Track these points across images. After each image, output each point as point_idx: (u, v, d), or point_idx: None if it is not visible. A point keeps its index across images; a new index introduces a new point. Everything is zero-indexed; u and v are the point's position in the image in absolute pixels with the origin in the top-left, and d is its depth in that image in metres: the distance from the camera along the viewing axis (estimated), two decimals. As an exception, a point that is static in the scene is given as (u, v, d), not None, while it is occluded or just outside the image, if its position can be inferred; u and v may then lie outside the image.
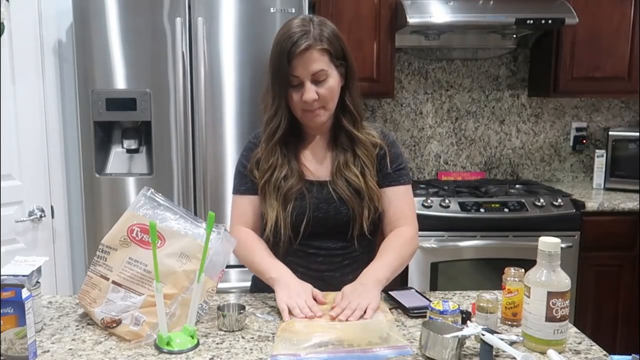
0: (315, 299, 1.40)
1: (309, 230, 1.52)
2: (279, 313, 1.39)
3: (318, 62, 1.44)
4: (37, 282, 1.31)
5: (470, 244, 2.74)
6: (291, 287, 1.41)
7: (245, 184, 1.58)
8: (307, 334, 1.21)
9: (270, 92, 1.51)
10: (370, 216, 1.53)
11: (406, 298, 1.45)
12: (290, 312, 1.33)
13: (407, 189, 1.60)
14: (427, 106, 3.38)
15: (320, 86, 1.46)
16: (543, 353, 1.19)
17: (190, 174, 2.53)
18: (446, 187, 3.04)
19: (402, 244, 1.53)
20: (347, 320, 1.29)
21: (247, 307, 1.38)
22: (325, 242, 1.55)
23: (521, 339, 1.21)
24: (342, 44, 1.49)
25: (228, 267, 1.56)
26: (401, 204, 1.58)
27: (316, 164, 1.57)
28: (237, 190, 1.61)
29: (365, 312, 1.32)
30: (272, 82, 1.50)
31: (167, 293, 1.25)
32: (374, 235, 1.60)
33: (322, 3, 2.88)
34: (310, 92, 1.45)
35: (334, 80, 1.48)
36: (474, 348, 1.21)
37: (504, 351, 1.16)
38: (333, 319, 1.31)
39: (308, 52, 1.42)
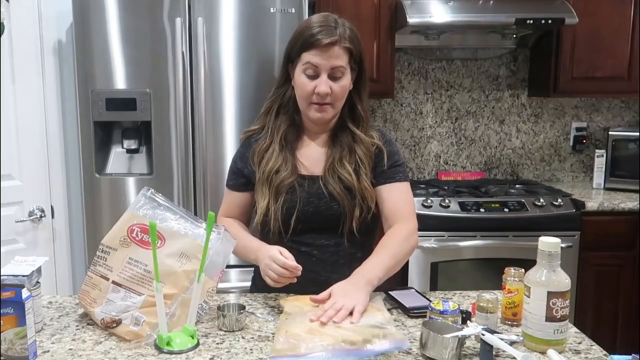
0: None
1: (300, 226, 1.51)
2: (279, 313, 1.39)
3: (340, 59, 1.46)
4: (37, 282, 1.31)
5: (470, 244, 2.74)
6: (268, 257, 1.41)
7: (233, 179, 1.64)
8: (306, 337, 1.21)
9: (280, 78, 1.57)
10: (362, 215, 1.51)
11: (406, 298, 1.45)
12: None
13: (403, 186, 1.57)
14: (427, 106, 3.37)
15: (335, 83, 1.47)
16: (543, 353, 1.19)
17: (190, 174, 2.53)
18: (446, 187, 3.04)
19: (398, 243, 1.49)
20: (332, 321, 1.23)
21: (247, 307, 1.38)
22: (318, 238, 1.54)
23: (521, 339, 1.22)
24: (361, 47, 1.52)
25: (228, 267, 1.57)
26: (397, 201, 1.55)
27: (311, 159, 1.57)
28: (227, 184, 1.67)
29: (351, 313, 1.26)
30: (283, 67, 1.56)
31: (167, 293, 1.25)
32: (367, 235, 1.58)
33: (322, 3, 2.88)
34: (325, 85, 1.45)
35: (347, 80, 1.50)
36: (474, 348, 1.21)
37: (504, 351, 1.16)
38: (316, 320, 1.24)
39: (333, 46, 1.44)
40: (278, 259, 1.38)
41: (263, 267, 1.42)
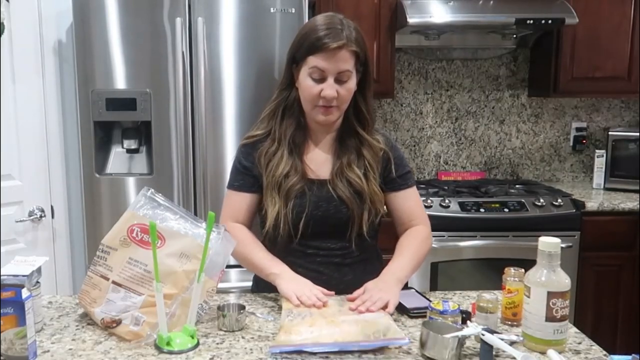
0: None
1: (309, 230, 1.51)
2: (279, 313, 1.38)
3: (347, 62, 1.45)
4: (37, 282, 1.31)
5: (470, 244, 2.74)
6: (295, 279, 1.45)
7: (239, 179, 1.58)
8: (307, 331, 1.22)
9: (283, 79, 1.55)
10: (370, 218, 1.53)
11: (406, 298, 1.45)
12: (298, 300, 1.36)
13: (414, 190, 1.63)
14: (427, 106, 3.38)
15: (341, 86, 1.46)
16: (543, 353, 1.19)
17: (190, 174, 2.53)
18: (446, 187, 3.04)
19: (419, 243, 1.57)
20: (367, 310, 1.31)
21: (247, 307, 1.38)
22: (324, 242, 1.54)
23: (521, 339, 1.22)
24: (367, 49, 1.51)
25: (228, 267, 1.57)
26: (412, 205, 1.62)
27: (318, 162, 1.56)
28: (230, 185, 1.60)
29: (386, 306, 1.34)
30: (286, 68, 1.53)
31: (167, 293, 1.25)
32: (373, 238, 1.60)
33: (322, 3, 2.88)
34: (332, 88, 1.44)
35: (353, 83, 1.48)
36: (474, 348, 1.21)
37: (504, 351, 1.16)
38: (353, 309, 1.32)
39: (340, 50, 1.43)
40: (320, 296, 1.39)
41: (296, 289, 1.40)
